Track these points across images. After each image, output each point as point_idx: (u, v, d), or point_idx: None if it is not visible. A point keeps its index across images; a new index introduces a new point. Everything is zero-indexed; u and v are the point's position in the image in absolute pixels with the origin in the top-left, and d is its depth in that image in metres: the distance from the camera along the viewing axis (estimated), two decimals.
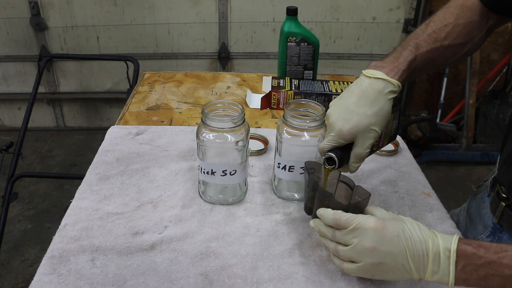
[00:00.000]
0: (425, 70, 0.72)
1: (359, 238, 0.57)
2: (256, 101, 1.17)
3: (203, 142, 0.73)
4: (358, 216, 0.59)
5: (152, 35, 2.67)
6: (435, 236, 0.55)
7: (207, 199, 0.80)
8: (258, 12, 2.63)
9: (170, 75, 1.34)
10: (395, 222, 0.57)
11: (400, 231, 0.55)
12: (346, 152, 0.66)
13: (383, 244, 0.56)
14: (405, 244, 0.55)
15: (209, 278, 0.65)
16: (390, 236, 0.56)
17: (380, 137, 0.69)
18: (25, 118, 1.97)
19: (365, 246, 0.57)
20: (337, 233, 0.60)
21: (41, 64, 2.04)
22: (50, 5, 2.54)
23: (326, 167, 0.67)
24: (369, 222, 0.57)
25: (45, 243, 0.70)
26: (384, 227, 0.56)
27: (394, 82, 0.65)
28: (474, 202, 0.84)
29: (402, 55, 0.67)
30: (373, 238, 0.56)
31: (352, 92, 0.66)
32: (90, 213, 0.76)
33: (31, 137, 2.74)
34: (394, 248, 0.55)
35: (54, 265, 0.66)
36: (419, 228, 0.56)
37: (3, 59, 2.69)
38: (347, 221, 0.59)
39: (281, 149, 0.76)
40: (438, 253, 0.53)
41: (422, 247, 0.54)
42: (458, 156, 2.67)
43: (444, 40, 0.70)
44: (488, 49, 2.77)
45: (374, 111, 0.64)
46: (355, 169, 0.67)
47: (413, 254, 0.54)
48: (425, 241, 0.54)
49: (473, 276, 0.52)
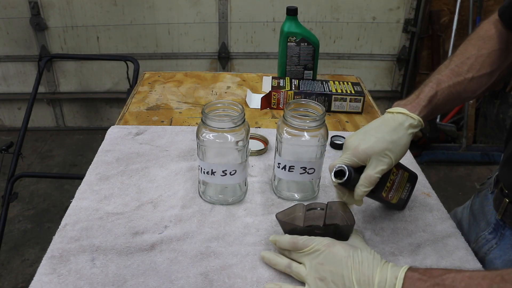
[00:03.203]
0: (450, 105, 0.72)
1: (312, 257, 0.61)
2: (256, 101, 1.17)
3: (203, 142, 0.73)
4: (314, 238, 0.62)
5: (152, 35, 2.67)
6: (387, 265, 0.56)
7: (207, 199, 0.80)
8: (258, 12, 2.63)
9: (170, 75, 1.34)
10: (348, 247, 0.60)
11: (351, 254, 0.58)
12: (357, 173, 0.66)
13: (332, 263, 0.59)
14: (352, 266, 0.57)
15: (209, 278, 0.65)
16: (339, 257, 0.58)
17: (391, 180, 0.69)
18: (25, 118, 1.98)
19: (315, 261, 0.60)
20: (293, 254, 0.64)
21: (41, 64, 2.04)
22: (50, 5, 2.54)
23: (334, 180, 0.67)
24: (323, 243, 0.61)
25: (45, 243, 0.70)
26: (335, 248, 0.59)
27: (415, 117, 0.66)
28: (477, 199, 0.84)
29: (423, 91, 0.69)
30: (323, 256, 0.60)
31: (374, 122, 0.68)
32: (90, 213, 0.76)
33: (31, 137, 2.74)
34: (341, 269, 0.57)
35: (54, 265, 0.66)
36: (373, 257, 0.58)
37: (3, 59, 2.69)
38: (304, 243, 0.62)
39: (281, 149, 0.76)
40: (384, 279, 0.55)
41: (369, 273, 0.56)
42: (458, 156, 2.67)
43: (467, 73, 0.70)
44: None
45: (392, 139, 0.65)
46: (362, 194, 0.65)
47: (359, 278, 0.56)
48: (374, 267, 0.56)
49: None
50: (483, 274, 0.51)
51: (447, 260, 0.69)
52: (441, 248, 0.72)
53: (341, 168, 0.66)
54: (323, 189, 0.84)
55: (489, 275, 0.50)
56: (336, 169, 0.66)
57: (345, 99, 1.12)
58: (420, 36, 2.71)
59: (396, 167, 0.71)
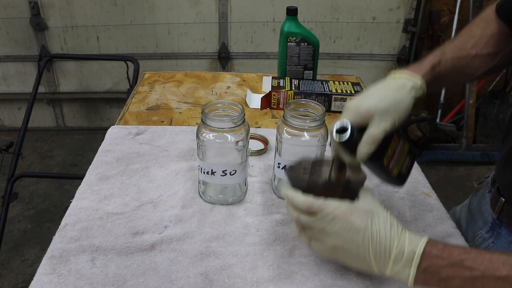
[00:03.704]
0: (452, 78, 0.71)
1: (327, 222, 0.57)
2: (256, 101, 1.17)
3: (203, 142, 0.73)
4: (331, 202, 0.58)
5: (152, 35, 2.67)
6: (404, 236, 0.54)
7: (207, 199, 0.80)
8: (258, 12, 2.63)
9: (170, 75, 1.34)
10: (366, 214, 0.56)
11: (369, 224, 0.55)
12: (359, 133, 0.62)
13: (348, 232, 0.56)
14: (370, 237, 0.55)
15: (209, 278, 0.65)
16: (356, 226, 0.55)
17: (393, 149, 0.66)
18: (25, 118, 1.97)
19: (330, 229, 0.57)
20: (306, 217, 0.59)
21: (41, 64, 2.04)
22: (50, 5, 2.54)
23: (335, 138, 0.62)
24: (340, 210, 0.57)
25: (45, 243, 0.70)
26: (353, 216, 0.56)
27: (418, 80, 0.65)
28: (475, 198, 0.84)
29: (426, 59, 0.69)
30: (339, 224, 0.56)
31: (375, 85, 0.66)
32: (90, 213, 0.76)
33: (31, 137, 2.74)
34: (357, 239, 0.55)
35: (54, 265, 0.66)
36: (390, 225, 0.55)
37: (3, 59, 2.69)
38: (319, 207, 0.57)
39: (281, 149, 0.76)
40: (401, 253, 0.53)
41: (386, 245, 0.54)
42: (458, 156, 2.67)
43: (471, 49, 0.70)
44: None
45: (395, 98, 0.63)
46: (366, 153, 0.61)
47: (375, 250, 0.54)
48: (391, 240, 0.54)
49: (434, 277, 0.52)
50: (503, 259, 0.50)
51: None
52: None
53: (344, 126, 0.61)
54: None
55: (509, 260, 0.49)
56: (338, 127, 0.62)
57: (345, 99, 1.12)
58: (420, 36, 2.71)
59: (398, 135, 0.67)
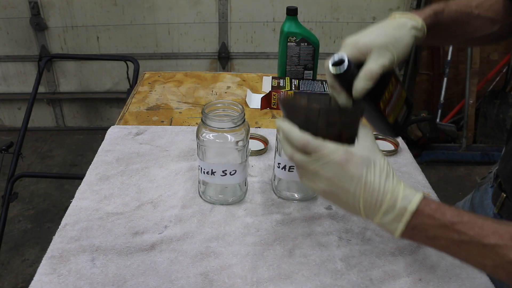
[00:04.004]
0: (454, 30, 0.70)
1: (321, 166, 0.54)
2: (256, 101, 1.17)
3: (203, 142, 0.73)
4: (329, 144, 0.54)
5: (152, 35, 2.67)
6: (399, 190, 0.52)
7: (207, 199, 0.80)
8: (258, 12, 2.63)
9: (170, 75, 1.34)
10: (362, 162, 0.53)
11: (363, 173, 0.52)
12: (356, 69, 0.58)
13: (341, 179, 0.53)
14: (363, 187, 0.52)
15: (209, 278, 0.65)
16: (350, 175, 0.53)
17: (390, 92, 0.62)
18: (25, 118, 1.97)
19: (323, 174, 0.54)
20: (300, 156, 0.56)
21: (41, 64, 2.04)
22: (50, 5, 2.54)
23: (331, 70, 0.58)
24: (336, 155, 0.53)
25: (45, 243, 0.70)
26: (348, 164, 0.53)
27: (418, 20, 0.63)
28: (478, 193, 0.84)
29: (429, 7, 0.67)
30: (333, 170, 0.53)
31: (375, 24, 0.63)
32: (90, 213, 0.76)
33: (31, 137, 2.74)
34: (349, 187, 0.53)
35: (54, 265, 0.66)
36: (386, 176, 0.53)
37: (3, 59, 2.69)
38: (315, 148, 0.54)
39: (281, 149, 0.76)
40: (393, 207, 0.51)
41: (378, 197, 0.52)
42: (458, 156, 2.67)
43: (475, 9, 0.69)
44: (488, 49, 2.77)
45: (395, 35, 0.60)
46: (362, 89, 0.58)
47: (366, 200, 0.52)
48: (384, 192, 0.52)
49: (422, 234, 0.51)
50: (494, 228, 0.48)
51: (447, 260, 0.69)
52: None
53: (341, 58, 0.57)
54: None
55: (500, 230, 0.48)
56: (334, 60, 0.58)
57: None
58: None
59: (396, 79, 0.64)
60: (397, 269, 0.68)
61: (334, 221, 0.77)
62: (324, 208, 0.80)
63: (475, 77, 2.60)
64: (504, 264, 0.47)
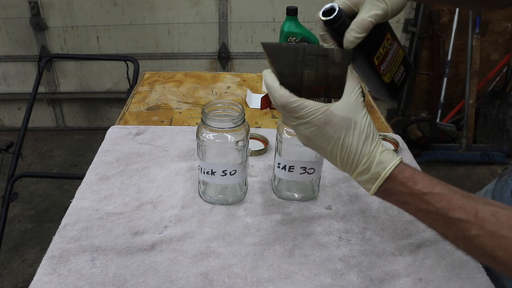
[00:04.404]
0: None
1: (300, 124, 0.55)
2: (256, 101, 1.17)
3: (203, 142, 0.73)
4: (308, 104, 0.54)
5: (152, 35, 2.67)
6: (375, 154, 0.53)
7: (207, 199, 0.80)
8: (258, 12, 2.63)
9: (170, 75, 1.34)
10: (342, 124, 0.53)
11: (342, 136, 0.53)
12: (348, 19, 0.56)
13: (319, 139, 0.54)
14: (339, 149, 0.54)
15: (209, 278, 0.65)
16: (327, 136, 0.54)
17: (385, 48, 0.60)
18: (25, 118, 1.97)
19: (302, 131, 0.55)
20: (281, 109, 0.57)
21: (41, 64, 2.04)
22: (50, 5, 2.54)
23: (321, 18, 0.56)
24: (314, 117, 0.53)
25: (45, 243, 0.70)
26: (326, 126, 0.53)
27: None
28: (498, 185, 0.83)
29: None
30: (311, 130, 0.54)
31: None
32: (90, 213, 0.76)
33: (31, 137, 2.74)
34: (327, 146, 0.54)
35: (54, 265, 0.66)
36: (364, 139, 0.53)
37: (3, 59, 2.69)
38: (293, 109, 0.54)
39: (281, 149, 0.76)
40: (367, 170, 0.53)
41: (354, 159, 0.53)
42: (458, 156, 2.67)
43: None
44: (488, 49, 2.77)
45: None
46: (353, 40, 0.56)
47: (343, 159, 0.54)
48: (360, 155, 0.53)
49: (393, 197, 0.53)
50: (462, 203, 0.49)
51: (447, 260, 0.69)
52: (441, 248, 0.72)
53: (332, 7, 0.56)
54: (323, 189, 0.84)
55: (467, 206, 0.49)
56: (325, 9, 0.56)
57: None
58: (420, 36, 2.71)
59: (392, 35, 0.62)
60: (397, 269, 0.68)
61: (334, 221, 0.77)
62: (324, 208, 0.80)
63: (475, 77, 2.60)
64: (464, 238, 0.49)
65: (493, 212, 0.47)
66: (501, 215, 0.47)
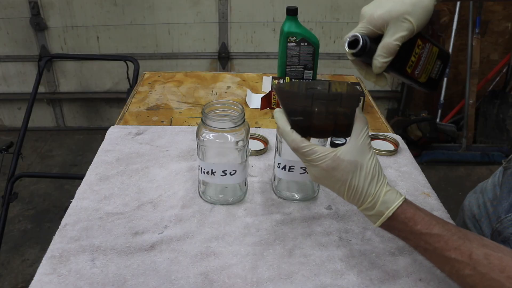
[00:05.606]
0: None
1: (310, 166, 0.60)
2: (256, 101, 1.17)
3: (203, 142, 0.73)
4: (318, 150, 0.58)
5: (152, 35, 2.67)
6: (380, 194, 0.57)
7: (207, 199, 0.80)
8: (258, 12, 2.63)
9: (170, 75, 1.34)
10: (349, 168, 0.57)
11: (348, 178, 0.57)
12: (374, 44, 0.58)
13: (327, 180, 0.59)
14: (346, 189, 0.58)
15: (209, 278, 0.65)
16: (335, 179, 0.58)
17: (417, 54, 0.61)
18: (25, 118, 1.97)
19: (312, 172, 0.60)
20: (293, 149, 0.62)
21: (41, 64, 2.04)
22: (50, 5, 2.54)
23: (347, 51, 0.59)
24: (323, 163, 0.58)
25: (45, 243, 0.70)
26: (334, 171, 0.58)
27: None
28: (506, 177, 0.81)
29: None
30: (320, 173, 0.59)
31: None
32: (90, 213, 0.76)
33: (31, 137, 2.74)
34: (335, 185, 0.59)
35: (54, 265, 0.66)
36: (370, 180, 0.57)
37: (3, 59, 2.69)
38: (304, 153, 0.60)
39: (281, 149, 0.76)
40: (372, 208, 0.57)
41: (360, 197, 0.58)
42: (458, 156, 2.67)
43: None
44: (488, 49, 2.77)
45: (412, 1, 0.57)
46: (381, 65, 0.57)
47: (350, 197, 0.59)
48: (366, 196, 0.57)
49: (395, 232, 0.59)
50: (458, 245, 0.53)
51: None
52: None
53: (355, 37, 0.58)
54: (323, 189, 0.84)
55: (462, 247, 0.52)
56: (349, 39, 0.58)
57: None
58: None
59: (422, 39, 0.62)
60: (397, 269, 0.68)
61: (334, 221, 0.77)
62: (324, 208, 0.80)
63: (475, 77, 2.60)
64: (458, 275, 0.53)
65: (486, 255, 0.51)
66: (493, 258, 0.50)
